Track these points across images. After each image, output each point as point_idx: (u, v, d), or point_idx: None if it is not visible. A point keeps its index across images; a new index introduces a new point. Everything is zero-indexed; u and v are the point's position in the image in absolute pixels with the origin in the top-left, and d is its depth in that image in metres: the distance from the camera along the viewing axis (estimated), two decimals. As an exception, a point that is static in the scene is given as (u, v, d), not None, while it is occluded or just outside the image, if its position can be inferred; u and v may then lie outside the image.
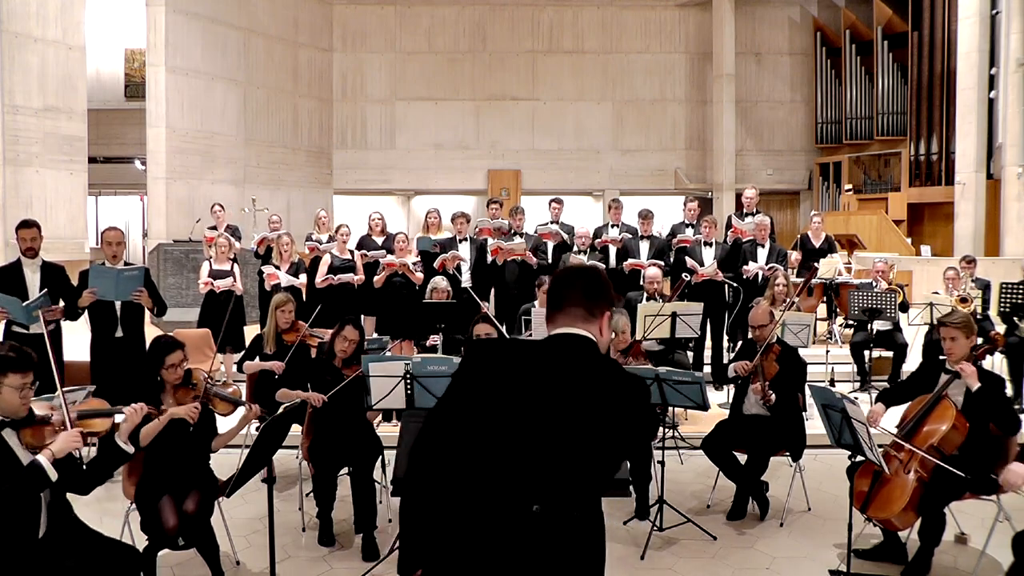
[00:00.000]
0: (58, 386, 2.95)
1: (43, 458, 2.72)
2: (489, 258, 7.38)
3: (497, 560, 1.72)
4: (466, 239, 7.41)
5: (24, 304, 4.79)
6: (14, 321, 4.88)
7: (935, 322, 4.51)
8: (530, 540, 1.73)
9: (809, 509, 4.61)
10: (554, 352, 1.82)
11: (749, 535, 4.28)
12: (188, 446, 3.55)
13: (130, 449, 3.05)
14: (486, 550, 1.73)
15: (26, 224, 5.16)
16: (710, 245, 7.13)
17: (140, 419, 3.11)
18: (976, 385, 3.68)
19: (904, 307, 7.21)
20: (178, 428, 3.53)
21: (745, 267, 7.06)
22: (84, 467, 3.03)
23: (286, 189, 13.57)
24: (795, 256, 8.31)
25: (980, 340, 4.04)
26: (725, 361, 6.98)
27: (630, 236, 7.49)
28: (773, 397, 4.46)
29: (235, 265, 7.00)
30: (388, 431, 5.23)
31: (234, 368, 6.87)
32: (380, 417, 5.61)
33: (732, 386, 4.88)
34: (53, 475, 2.71)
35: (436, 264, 7.10)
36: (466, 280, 7.28)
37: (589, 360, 1.81)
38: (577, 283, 1.88)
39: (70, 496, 3.03)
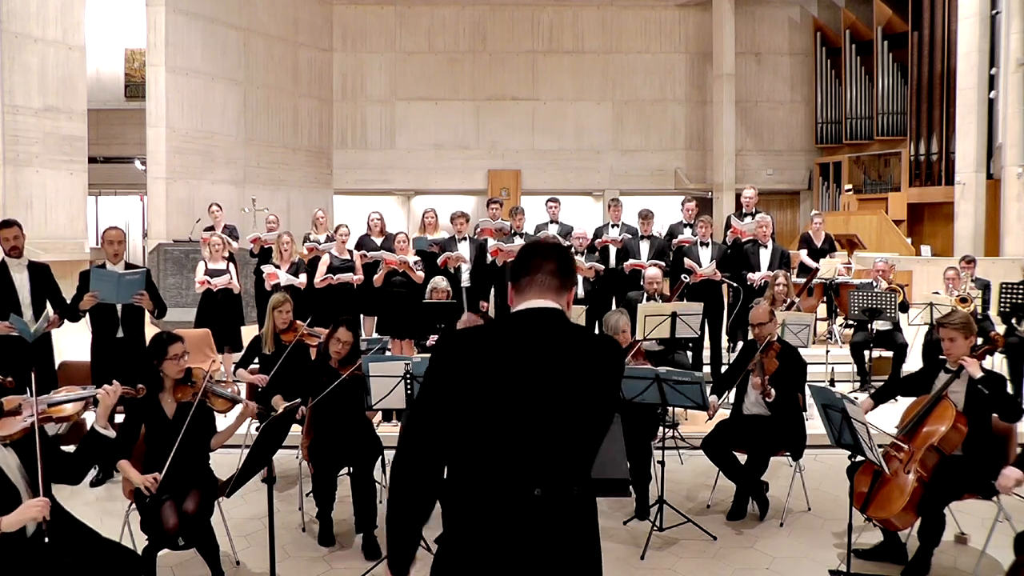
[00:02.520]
0: (33, 385, 2.91)
1: (5, 522, 2.59)
2: (489, 258, 7.38)
3: (507, 543, 1.74)
4: (465, 238, 7.40)
5: (33, 329, 4.93)
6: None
7: (935, 322, 4.51)
8: (536, 521, 1.75)
9: (809, 509, 4.61)
10: (531, 328, 1.83)
11: (749, 535, 4.28)
12: (187, 445, 3.55)
13: (110, 433, 3.03)
14: (495, 535, 1.75)
15: (7, 224, 5.11)
16: (706, 245, 7.12)
17: (115, 400, 3.09)
18: (979, 374, 3.69)
19: (904, 307, 7.21)
20: (176, 428, 3.53)
21: (751, 275, 7.04)
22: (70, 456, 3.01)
23: (286, 189, 13.58)
24: (803, 254, 8.31)
25: (980, 340, 4.04)
26: (725, 361, 7.00)
27: (630, 236, 7.48)
28: (773, 393, 4.47)
29: (231, 264, 7.01)
30: (388, 431, 5.23)
31: (232, 368, 6.89)
32: (380, 417, 5.61)
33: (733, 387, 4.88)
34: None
35: (439, 261, 7.09)
36: (465, 281, 7.28)
37: (566, 331, 1.85)
38: (553, 255, 1.89)
39: (70, 492, 3.01)
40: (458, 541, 1.79)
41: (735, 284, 6.94)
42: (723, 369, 6.94)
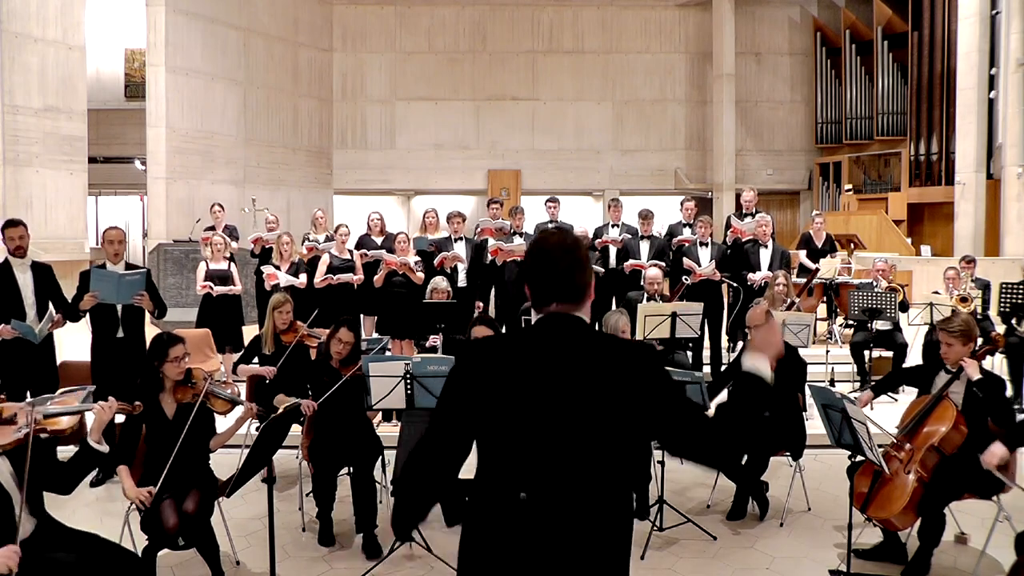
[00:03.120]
0: (28, 396, 2.91)
1: None
2: (488, 258, 7.38)
3: (523, 552, 1.73)
4: (461, 238, 7.40)
5: (37, 331, 4.93)
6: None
7: (935, 325, 4.50)
8: (563, 528, 1.72)
9: (809, 509, 4.61)
10: (551, 336, 1.79)
11: (749, 535, 4.28)
12: (187, 446, 3.55)
13: (104, 448, 3.00)
14: (511, 543, 1.73)
15: (12, 223, 5.11)
16: (706, 245, 7.12)
17: (110, 416, 3.07)
18: (977, 376, 3.69)
19: (904, 307, 7.20)
20: (176, 429, 3.53)
21: (751, 276, 7.04)
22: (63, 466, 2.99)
23: (286, 189, 13.58)
24: (802, 254, 8.31)
25: (980, 340, 4.04)
26: (725, 361, 7.00)
27: (630, 236, 7.48)
28: None
29: (232, 264, 7.00)
30: (388, 431, 5.23)
31: (233, 365, 6.89)
32: (380, 417, 5.61)
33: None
34: None
35: (436, 262, 7.10)
36: (461, 280, 7.28)
37: (587, 339, 1.79)
38: (562, 267, 1.81)
39: (65, 497, 3.00)
40: (478, 543, 1.79)
41: (735, 284, 6.94)
42: (723, 369, 6.94)
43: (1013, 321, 6.62)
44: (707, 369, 7.09)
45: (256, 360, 5.34)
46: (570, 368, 1.74)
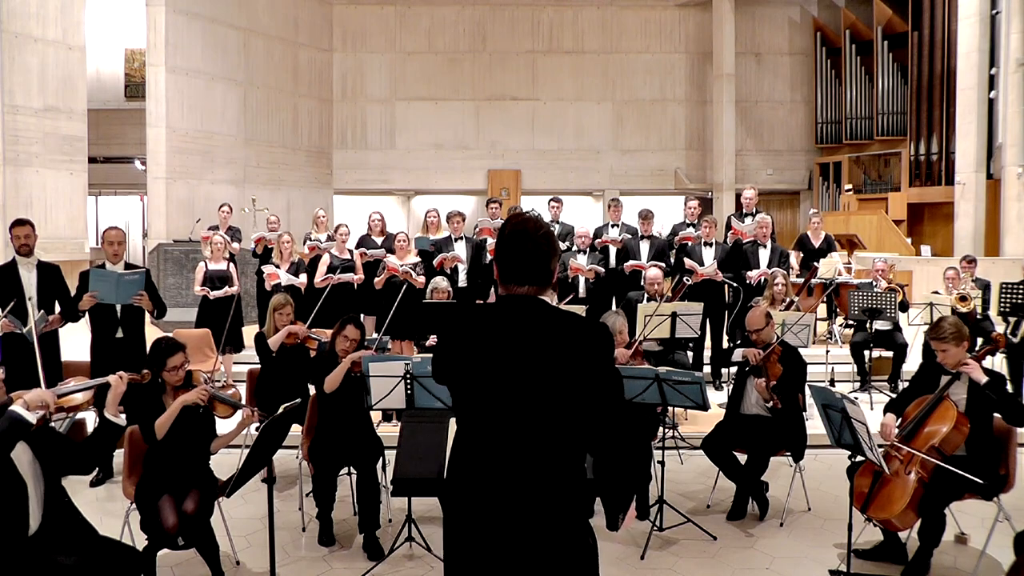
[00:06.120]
0: (42, 382, 2.96)
1: (17, 406, 2.70)
2: (488, 257, 7.38)
3: (482, 518, 1.89)
4: (461, 238, 7.40)
5: (27, 328, 4.92)
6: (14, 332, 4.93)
7: (926, 338, 4.42)
8: (512, 501, 1.87)
9: (809, 509, 4.61)
10: (523, 315, 1.94)
11: (749, 535, 4.28)
12: (188, 446, 3.55)
13: (121, 421, 3.06)
14: (472, 510, 1.91)
15: (19, 222, 5.16)
16: (710, 245, 7.12)
17: (124, 387, 3.11)
18: (984, 379, 3.68)
19: (904, 307, 7.20)
20: (178, 430, 3.52)
21: (748, 273, 7.04)
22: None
23: (286, 189, 13.58)
24: (796, 256, 8.28)
25: (980, 340, 4.04)
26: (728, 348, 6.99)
27: (630, 236, 7.48)
28: (778, 401, 4.42)
29: (231, 265, 6.98)
30: (388, 431, 5.23)
31: (233, 368, 6.88)
32: (380, 417, 5.61)
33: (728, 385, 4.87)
34: (31, 418, 2.71)
35: (435, 262, 7.10)
36: (462, 281, 7.28)
37: (550, 316, 1.94)
38: (529, 256, 1.95)
39: (70, 492, 3.02)
40: (453, 514, 1.96)
41: (735, 284, 6.94)
42: (724, 370, 6.93)
43: (1011, 323, 6.61)
44: (707, 369, 7.09)
45: (257, 362, 5.33)
46: (533, 342, 1.89)
